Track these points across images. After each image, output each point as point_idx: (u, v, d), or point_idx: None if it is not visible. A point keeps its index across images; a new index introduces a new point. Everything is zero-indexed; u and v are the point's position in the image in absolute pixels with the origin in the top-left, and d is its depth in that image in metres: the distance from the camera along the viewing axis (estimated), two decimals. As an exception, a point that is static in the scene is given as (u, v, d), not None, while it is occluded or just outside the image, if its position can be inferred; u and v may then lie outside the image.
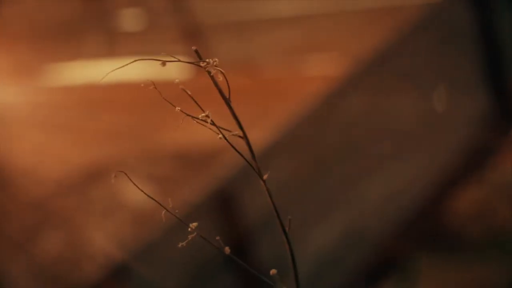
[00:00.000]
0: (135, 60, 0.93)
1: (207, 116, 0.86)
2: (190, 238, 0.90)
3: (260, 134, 4.91)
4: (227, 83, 0.87)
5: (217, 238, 0.94)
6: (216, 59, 0.86)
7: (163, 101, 0.93)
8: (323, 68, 6.67)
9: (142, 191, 0.94)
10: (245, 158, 0.90)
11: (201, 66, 0.86)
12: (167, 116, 6.93)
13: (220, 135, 0.87)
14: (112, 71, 0.98)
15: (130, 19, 8.78)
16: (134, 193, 5.54)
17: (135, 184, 0.95)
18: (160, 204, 0.93)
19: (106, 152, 6.26)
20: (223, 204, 3.84)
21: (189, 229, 0.91)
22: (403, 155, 4.63)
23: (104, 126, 7.00)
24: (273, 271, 0.94)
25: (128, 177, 0.93)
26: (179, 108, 0.88)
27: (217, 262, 3.92)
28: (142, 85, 0.90)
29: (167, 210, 0.93)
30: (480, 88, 4.87)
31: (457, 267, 4.29)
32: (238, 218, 3.89)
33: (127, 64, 0.96)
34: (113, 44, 8.59)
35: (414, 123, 4.75)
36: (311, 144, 4.35)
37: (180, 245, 0.90)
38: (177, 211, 0.94)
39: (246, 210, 3.93)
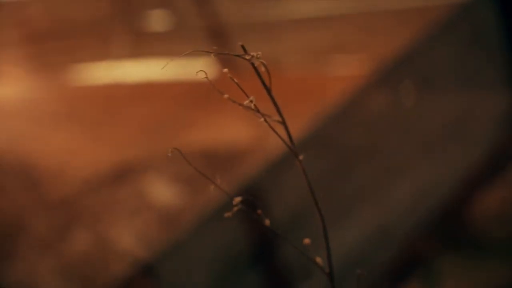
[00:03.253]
0: (188, 53, 0.98)
1: (251, 101, 0.92)
2: (234, 210, 0.97)
3: (285, 134, 4.92)
4: (269, 74, 0.93)
5: (259, 212, 1.01)
6: (260, 52, 0.93)
7: (188, 100, 0.97)
8: (349, 69, 6.67)
9: (194, 167, 1.00)
10: (283, 140, 0.97)
11: (246, 59, 0.92)
12: (192, 114, 6.98)
13: (262, 119, 0.94)
14: (165, 65, 1.02)
15: (156, 20, 8.84)
16: (162, 191, 5.59)
17: (188, 162, 1.00)
18: (208, 178, 1.00)
19: (133, 151, 6.31)
20: (250, 203, 3.87)
21: (234, 203, 0.98)
22: (428, 155, 4.64)
23: (131, 125, 7.06)
24: (306, 241, 1.01)
25: (182, 154, 0.99)
26: (227, 95, 0.94)
27: (243, 261, 3.95)
28: (196, 74, 0.95)
29: (216, 185, 1.00)
30: (506, 90, 4.86)
31: (482, 267, 4.29)
32: (264, 217, 3.91)
33: (183, 55, 1.01)
34: (140, 44, 8.66)
35: (439, 123, 4.75)
36: (337, 143, 4.36)
37: (226, 215, 0.99)
38: (224, 187, 1.01)
39: (272, 209, 3.96)
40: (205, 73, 0.95)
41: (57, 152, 6.86)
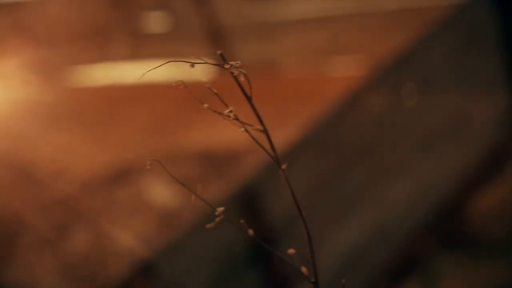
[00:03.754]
0: (167, 62, 0.99)
1: (230, 111, 0.93)
2: (217, 221, 0.97)
3: (284, 134, 4.94)
4: (249, 83, 0.94)
5: (241, 221, 1.01)
6: (239, 62, 0.93)
7: (187, 101, 0.99)
8: (347, 69, 6.69)
9: (174, 178, 1.01)
10: (265, 149, 0.96)
11: (225, 68, 0.93)
12: (191, 116, 7.00)
13: (243, 129, 0.94)
14: (148, 71, 1.04)
15: (154, 22, 8.85)
16: (160, 192, 5.60)
17: (168, 173, 1.00)
18: (188, 188, 1.00)
19: (132, 151, 6.32)
20: (247, 203, 3.88)
21: (216, 213, 0.98)
22: (427, 155, 4.64)
23: (130, 126, 7.07)
24: (291, 251, 1.01)
25: (161, 165, 1.00)
26: (206, 104, 0.94)
27: (242, 261, 3.96)
28: (174, 84, 0.96)
29: (197, 196, 1.00)
30: (504, 89, 4.87)
31: (481, 267, 4.30)
32: (262, 218, 3.93)
33: (160, 65, 1.02)
34: (138, 46, 8.67)
35: (437, 123, 4.76)
36: (334, 144, 4.37)
37: (208, 227, 0.98)
38: (203, 197, 1.01)
39: (269, 209, 3.97)
40: (182, 82, 0.97)
41: (56, 152, 6.87)
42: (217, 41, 7.87)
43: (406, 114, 4.64)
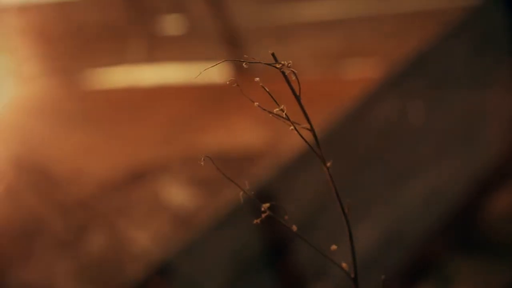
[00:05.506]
0: (222, 61, 1.02)
1: (282, 110, 0.97)
2: (263, 217, 1.02)
3: (299, 136, 4.96)
4: (298, 82, 0.97)
5: (286, 217, 1.05)
6: (290, 61, 0.96)
7: (204, 103, 1.03)
8: (361, 71, 6.71)
9: (225, 175, 1.04)
10: (311, 147, 1.01)
11: (277, 68, 0.96)
12: (208, 117, 7.03)
13: (292, 127, 0.98)
14: (204, 71, 1.06)
15: (171, 24, 8.90)
16: (177, 193, 5.65)
17: (220, 171, 1.04)
18: (236, 184, 1.04)
19: (149, 153, 6.37)
20: (274, 208, 3.90)
21: (262, 209, 1.03)
22: (440, 157, 4.66)
23: (147, 127, 7.12)
24: (333, 247, 1.05)
25: (213, 162, 1.03)
26: (257, 103, 0.98)
27: (258, 262, 3.99)
28: (227, 82, 0.99)
29: (244, 191, 1.04)
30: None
31: (494, 270, 4.30)
32: (279, 219, 3.95)
33: (216, 65, 1.06)
34: (155, 48, 8.72)
35: (451, 125, 4.77)
36: (350, 146, 4.39)
37: (255, 222, 1.03)
38: (252, 192, 1.05)
39: (287, 209, 3.99)
40: (235, 80, 0.99)
41: (74, 154, 6.93)
42: (232, 44, 7.91)
43: (419, 116, 4.66)
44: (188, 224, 5.22)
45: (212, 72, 7.10)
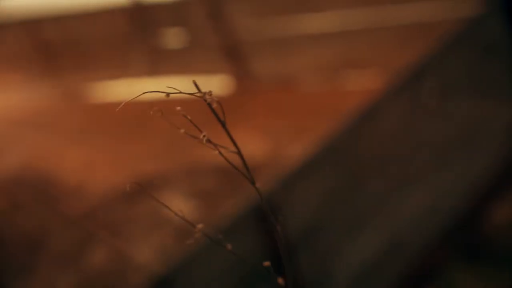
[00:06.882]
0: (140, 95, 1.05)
1: (204, 136, 1.00)
2: (196, 237, 1.04)
3: (299, 148, 4.99)
4: (222, 108, 1.00)
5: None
6: (212, 90, 1.00)
7: (206, 116, 1.05)
8: (362, 83, 6.73)
9: (161, 202, 1.06)
10: (238, 170, 1.03)
11: (199, 97, 0.99)
12: (209, 130, 7.04)
13: (217, 151, 1.01)
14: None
15: (173, 38, 8.94)
16: (178, 205, 5.65)
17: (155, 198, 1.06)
18: (168, 207, 1.05)
19: (151, 165, 6.39)
20: (263, 218, 3.92)
21: (195, 230, 1.04)
22: (441, 166, 4.67)
23: (148, 140, 7.14)
24: (266, 263, 1.07)
25: (142, 187, 1.05)
26: (183, 130, 1.00)
27: (256, 276, 4.00)
28: (151, 112, 1.02)
29: (176, 214, 1.05)
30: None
31: (496, 277, 4.31)
32: (278, 231, 3.96)
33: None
34: (156, 62, 8.76)
35: (452, 135, 4.78)
36: (351, 157, 4.41)
37: (187, 243, 1.04)
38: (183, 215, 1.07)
39: (285, 223, 4.00)
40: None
41: (77, 167, 6.95)
42: (234, 56, 7.95)
43: (421, 126, 4.67)
44: (189, 237, 5.23)
45: (213, 85, 7.13)
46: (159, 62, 8.73)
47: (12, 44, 10.49)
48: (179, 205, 5.73)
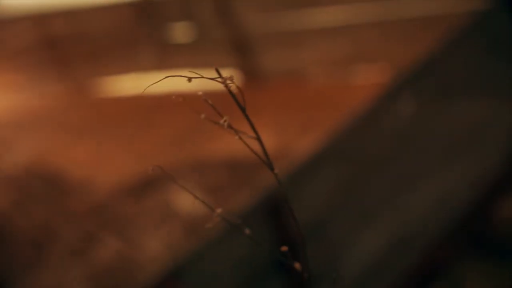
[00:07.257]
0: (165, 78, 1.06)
1: (224, 120, 1.00)
2: (215, 221, 1.04)
3: (309, 142, 5.00)
4: (242, 95, 1.00)
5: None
6: (232, 75, 0.99)
7: (212, 110, 1.05)
8: (370, 77, 6.73)
9: (197, 197, 1.07)
10: (257, 155, 1.03)
11: (220, 82, 0.99)
12: (217, 125, 7.04)
13: (237, 137, 1.02)
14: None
15: (180, 32, 8.95)
16: (186, 201, 5.68)
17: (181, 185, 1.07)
18: (190, 192, 1.06)
19: (159, 159, 6.41)
20: (271, 212, 3.93)
21: (215, 214, 1.05)
22: (448, 162, 4.67)
23: (157, 134, 7.16)
24: (284, 248, 1.08)
25: (166, 172, 1.06)
26: (203, 115, 1.01)
27: (267, 268, 4.01)
28: (173, 97, 1.03)
29: (197, 198, 1.06)
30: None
31: (505, 273, 4.30)
32: (286, 226, 3.98)
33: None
34: (164, 56, 8.77)
35: (459, 130, 4.78)
36: (358, 151, 4.41)
37: (206, 227, 1.05)
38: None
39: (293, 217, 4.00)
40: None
41: (84, 161, 6.97)
42: (242, 51, 7.95)
43: (427, 122, 4.68)
44: (198, 231, 5.25)
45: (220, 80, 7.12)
46: (167, 57, 8.74)
47: (19, 39, 10.51)
48: (188, 198, 5.75)
